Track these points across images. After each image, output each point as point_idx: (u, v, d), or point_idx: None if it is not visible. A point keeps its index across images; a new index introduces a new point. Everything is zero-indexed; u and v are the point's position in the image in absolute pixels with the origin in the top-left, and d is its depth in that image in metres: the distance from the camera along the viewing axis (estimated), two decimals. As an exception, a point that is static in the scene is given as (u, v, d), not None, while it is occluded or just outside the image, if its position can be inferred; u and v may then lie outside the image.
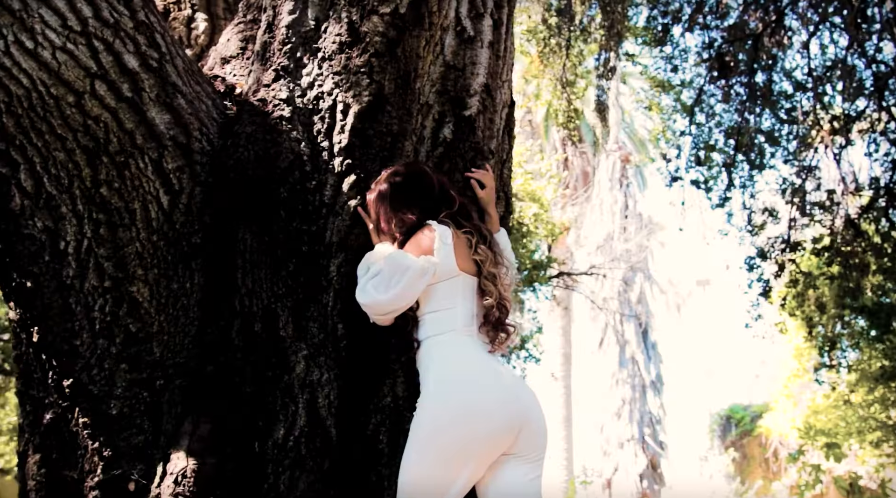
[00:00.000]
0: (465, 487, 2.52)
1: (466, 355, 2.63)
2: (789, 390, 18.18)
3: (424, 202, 2.73)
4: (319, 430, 2.73)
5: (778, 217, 11.51)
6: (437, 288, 2.65)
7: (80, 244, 2.78)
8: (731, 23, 12.30)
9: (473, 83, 3.11)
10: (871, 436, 14.98)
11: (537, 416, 2.60)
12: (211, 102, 2.97)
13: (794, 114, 11.56)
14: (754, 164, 11.84)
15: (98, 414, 2.76)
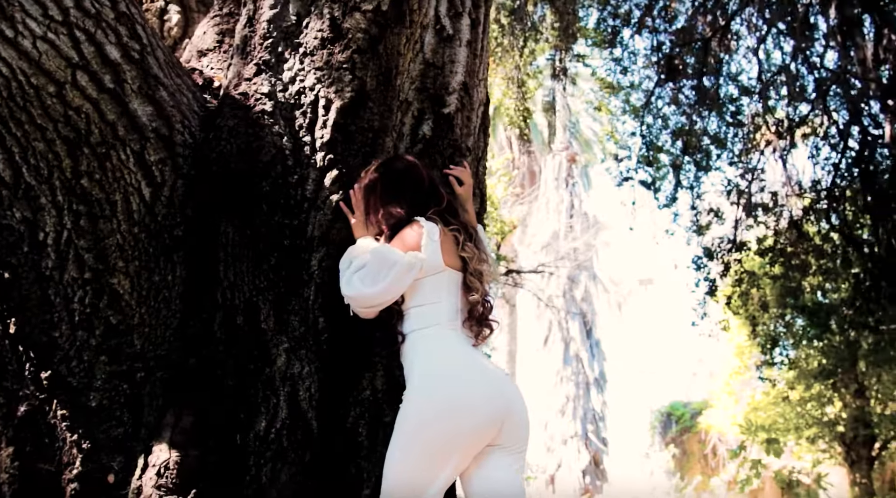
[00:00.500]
0: (450, 480, 2.57)
1: (451, 349, 2.67)
2: (731, 387, 18.57)
3: (414, 197, 2.77)
4: (301, 422, 2.75)
5: (723, 218, 11.77)
6: (423, 283, 2.69)
7: (60, 235, 2.76)
8: (679, 27, 12.52)
9: (452, 81, 3.16)
10: (807, 432, 15.37)
11: (520, 408, 2.66)
12: (191, 95, 2.97)
13: (740, 117, 11.82)
14: (701, 166, 12.07)
15: (77, 406, 2.74)
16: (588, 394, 24.65)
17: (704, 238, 11.74)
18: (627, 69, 13.13)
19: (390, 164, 2.83)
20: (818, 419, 15.22)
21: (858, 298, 10.48)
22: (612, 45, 12.98)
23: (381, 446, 2.82)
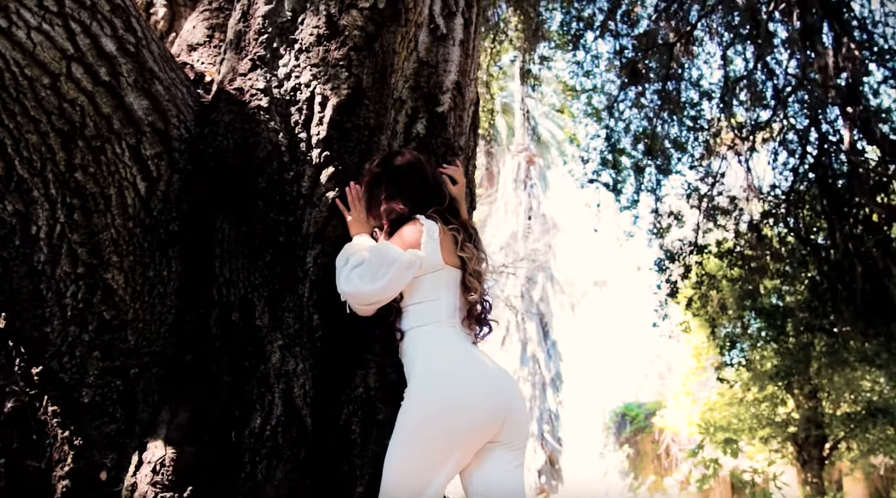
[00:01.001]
0: (450, 478, 2.57)
1: (451, 347, 2.68)
2: (688, 388, 18.82)
3: (417, 193, 2.79)
4: (295, 419, 2.74)
5: (683, 221, 11.93)
6: (423, 280, 2.71)
7: (53, 229, 2.72)
8: (641, 31, 12.66)
9: (446, 80, 3.18)
10: (761, 432, 15.63)
11: (520, 405, 2.68)
12: (185, 89, 2.94)
13: (701, 122, 11.99)
14: (662, 169, 12.22)
15: (69, 402, 2.70)
16: (544, 394, 24.80)
17: (664, 241, 11.90)
18: (590, 72, 13.26)
19: (396, 158, 2.83)
20: (771, 420, 15.50)
21: (814, 300, 10.70)
22: (576, 47, 13.09)
23: (373, 444, 2.83)
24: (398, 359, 2.90)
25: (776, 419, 15.50)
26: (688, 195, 12.00)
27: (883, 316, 10.35)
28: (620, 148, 12.42)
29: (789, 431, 15.45)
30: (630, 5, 12.60)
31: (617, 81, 12.93)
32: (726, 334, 12.54)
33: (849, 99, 9.13)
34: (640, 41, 12.32)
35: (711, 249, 10.88)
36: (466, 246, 2.78)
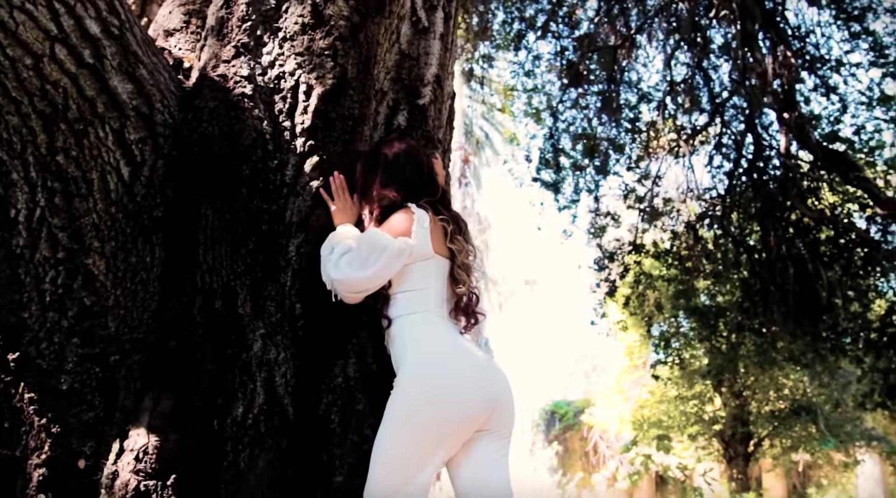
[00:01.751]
0: (439, 467, 2.60)
1: (440, 337, 2.70)
2: (620, 386, 19.15)
3: (411, 183, 2.81)
4: (277, 408, 2.73)
5: (620, 221, 12.15)
6: (412, 268, 2.72)
7: (32, 213, 2.66)
8: (581, 34, 12.83)
9: (427, 73, 3.20)
10: (690, 430, 16.01)
11: (508, 395, 2.71)
12: (167, 75, 2.91)
13: (639, 124, 12.22)
14: (600, 170, 12.42)
15: (46, 389, 2.65)
16: (476, 391, 24.89)
17: (602, 240, 12.10)
18: (531, 73, 13.40)
19: (393, 146, 2.84)
20: (699, 417, 15.88)
21: (746, 301, 11.00)
22: (517, 48, 13.22)
23: (353, 434, 2.84)
24: (378, 348, 2.92)
25: (704, 417, 15.88)
26: (625, 196, 12.22)
27: (811, 317, 10.69)
28: (560, 148, 12.58)
29: (716, 429, 15.85)
30: (571, 7, 12.77)
31: (557, 82, 13.11)
32: (661, 333, 12.81)
33: (784, 105, 9.40)
34: (580, 43, 12.50)
35: (649, 249, 11.09)
36: (456, 238, 2.81)
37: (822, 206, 10.38)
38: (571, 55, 12.52)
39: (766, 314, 10.83)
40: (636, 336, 16.09)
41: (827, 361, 11.85)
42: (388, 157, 2.81)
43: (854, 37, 10.83)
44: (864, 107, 11.11)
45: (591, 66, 12.46)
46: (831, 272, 10.74)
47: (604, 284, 11.11)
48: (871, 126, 11.17)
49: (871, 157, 10.89)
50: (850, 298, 11.08)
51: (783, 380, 15.00)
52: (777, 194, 10.27)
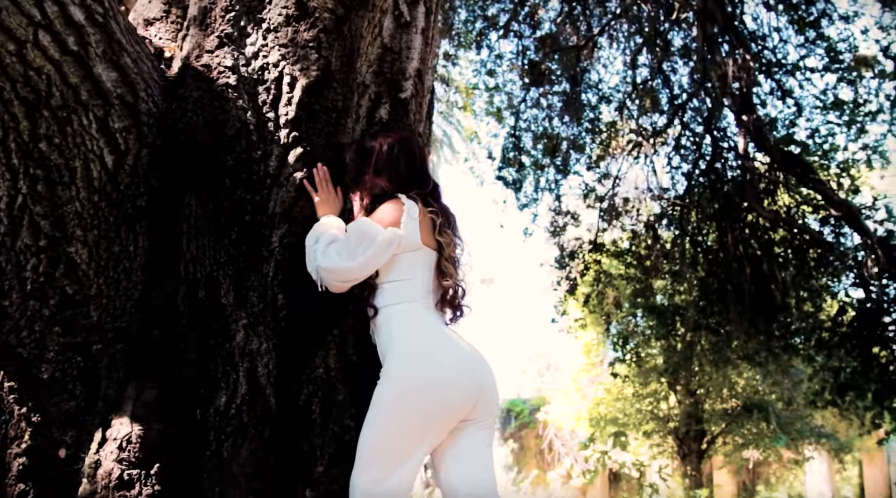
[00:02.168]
0: (425, 455, 2.62)
1: (426, 327, 2.72)
2: (578, 384, 19.32)
3: (404, 173, 2.82)
4: (259, 398, 2.74)
5: (579, 220, 12.26)
6: (400, 259, 2.74)
7: (14, 200, 2.64)
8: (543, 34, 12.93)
9: (409, 67, 3.22)
10: (646, 427, 16.21)
11: (492, 385, 2.74)
12: (150, 64, 2.89)
13: (599, 124, 12.34)
14: (560, 169, 12.52)
15: (27, 378, 2.63)
16: (433, 390, 24.92)
17: (561, 239, 12.21)
18: (493, 72, 13.46)
19: (388, 135, 2.86)
20: (655, 415, 16.09)
21: (702, 300, 11.18)
22: (479, 46, 13.27)
23: (333, 424, 2.85)
24: (359, 340, 2.94)
25: (659, 414, 16.09)
26: (585, 195, 12.35)
27: (766, 316, 10.90)
28: (521, 146, 12.67)
29: (671, 426, 16.07)
30: (533, 7, 12.86)
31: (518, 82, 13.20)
32: (619, 331, 12.96)
33: (743, 107, 9.58)
34: (542, 43, 12.60)
35: (608, 248, 11.22)
36: (445, 231, 2.82)
37: (777, 208, 10.58)
38: (533, 55, 12.61)
39: (722, 313, 11.01)
40: (594, 334, 16.26)
41: (780, 359, 12.08)
42: (382, 147, 2.82)
43: (809, 42, 11.07)
44: (819, 111, 11.37)
45: (553, 66, 12.56)
46: (785, 272, 10.96)
47: (564, 282, 11.22)
48: (824, 130, 11.43)
49: (825, 160, 11.14)
50: (802, 298, 11.32)
51: (736, 378, 15.25)
52: (734, 195, 10.44)
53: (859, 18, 10.89)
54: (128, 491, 2.48)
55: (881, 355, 11.38)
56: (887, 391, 11.39)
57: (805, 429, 17.04)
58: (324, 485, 2.78)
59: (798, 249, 10.87)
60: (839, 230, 10.70)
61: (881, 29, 11.10)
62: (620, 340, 12.98)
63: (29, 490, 2.58)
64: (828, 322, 11.62)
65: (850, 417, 12.87)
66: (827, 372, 11.83)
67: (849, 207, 9.87)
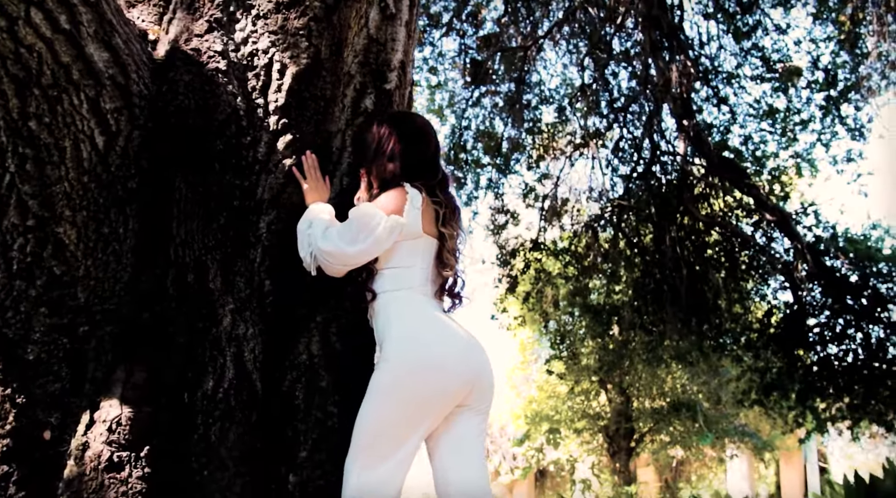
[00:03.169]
0: (420, 441, 2.65)
1: (424, 314, 2.74)
2: (513, 382, 19.50)
3: (417, 161, 2.83)
4: (246, 383, 2.75)
5: (518, 218, 12.40)
6: (400, 246, 2.75)
7: (2, 179, 2.60)
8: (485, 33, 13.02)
9: (393, 59, 3.25)
10: (578, 424, 16.47)
11: (488, 371, 2.78)
12: (139, 46, 2.87)
13: (540, 125, 12.50)
14: (501, 169, 12.64)
15: (12, 359, 2.59)
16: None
17: (501, 237, 12.34)
18: (435, 69, 13.49)
19: (407, 118, 2.87)
20: (586, 413, 16.36)
21: (637, 300, 11.42)
22: (421, 44, 13.29)
23: (316, 410, 2.87)
24: (342, 328, 2.96)
25: (590, 412, 16.36)
26: (525, 194, 12.49)
27: (698, 317, 11.19)
28: (462, 145, 12.74)
29: (601, 424, 16.35)
30: (476, 7, 12.95)
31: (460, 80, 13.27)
32: (556, 329, 13.15)
33: (684, 112, 9.82)
34: (484, 43, 12.69)
35: (548, 247, 11.38)
36: (450, 223, 2.84)
37: (712, 211, 10.88)
38: (475, 54, 12.69)
39: (656, 314, 11.27)
40: (529, 332, 16.45)
41: (710, 359, 12.41)
42: (397, 132, 2.82)
43: (745, 52, 11.39)
44: (752, 118, 11.72)
45: (495, 66, 12.67)
46: (718, 275, 11.28)
47: (505, 280, 11.34)
48: (757, 137, 11.79)
49: (757, 166, 11.48)
50: (733, 299, 11.66)
51: (666, 377, 15.60)
52: (672, 198, 10.69)
53: (793, 30, 11.27)
54: (118, 473, 2.46)
55: (805, 357, 11.80)
56: (809, 392, 11.82)
57: (730, 428, 17.53)
58: (307, 470, 2.79)
59: (730, 252, 11.19)
60: (770, 235, 11.04)
61: (812, 41, 11.52)
62: (557, 338, 13.18)
63: (13, 472, 2.55)
64: (756, 324, 12.00)
65: (774, 417, 13.29)
66: (754, 372, 12.21)
67: (781, 213, 10.20)
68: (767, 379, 12.00)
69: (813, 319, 11.63)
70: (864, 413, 11.75)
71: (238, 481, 2.64)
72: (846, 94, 11.01)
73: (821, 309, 11.55)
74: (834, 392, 11.66)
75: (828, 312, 11.43)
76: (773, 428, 16.66)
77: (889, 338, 11.37)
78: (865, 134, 10.95)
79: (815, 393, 11.80)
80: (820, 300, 11.50)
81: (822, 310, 11.53)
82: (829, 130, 11.24)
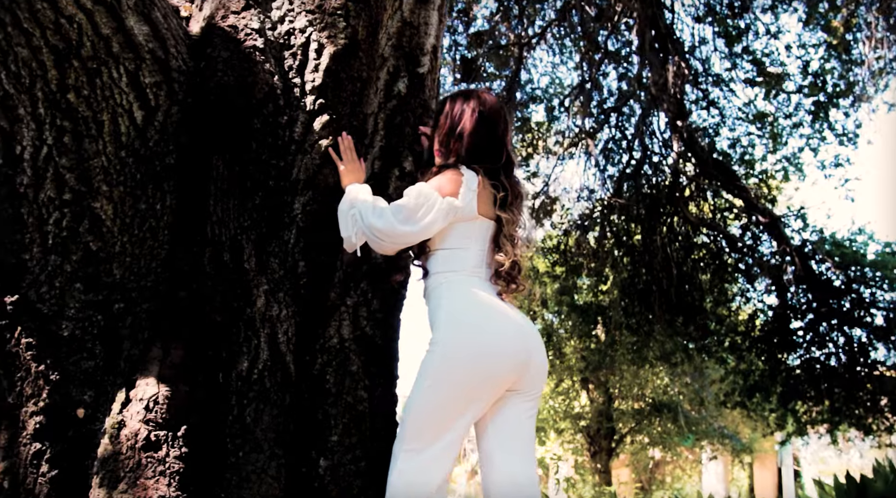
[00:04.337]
0: (469, 425, 2.62)
1: (476, 296, 2.67)
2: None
3: (485, 143, 2.77)
4: (280, 365, 2.72)
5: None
6: (454, 227, 2.71)
7: (39, 151, 2.55)
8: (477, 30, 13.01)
9: (426, 43, 3.23)
10: (560, 424, 16.50)
11: (541, 356, 2.72)
12: (176, 21, 2.83)
13: (530, 123, 12.50)
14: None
15: (46, 335, 2.54)
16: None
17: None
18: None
19: (483, 97, 2.82)
20: (568, 412, 16.39)
21: (625, 300, 11.45)
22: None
23: (347, 394, 2.84)
24: (372, 311, 2.94)
25: (571, 412, 16.40)
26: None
27: (685, 318, 11.23)
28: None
29: (582, 424, 16.40)
30: (467, 4, 12.93)
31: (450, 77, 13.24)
32: (542, 329, 13.16)
33: (677, 114, 9.85)
34: (474, 40, 12.68)
35: (538, 245, 11.38)
36: (509, 208, 2.78)
37: (702, 213, 10.93)
38: (464, 51, 12.67)
39: (643, 314, 11.29)
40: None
41: (694, 360, 12.47)
42: (471, 112, 2.76)
43: (735, 55, 11.45)
44: (741, 122, 11.78)
45: (486, 63, 12.66)
46: (704, 276, 11.33)
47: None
48: (745, 140, 11.86)
49: (747, 169, 11.55)
50: (719, 301, 11.72)
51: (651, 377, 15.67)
52: (662, 198, 10.73)
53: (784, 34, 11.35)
54: (155, 452, 2.42)
55: (787, 360, 11.89)
56: (792, 394, 11.91)
57: (710, 429, 17.63)
58: (338, 454, 2.77)
59: (717, 254, 11.23)
60: (759, 237, 11.10)
61: (801, 47, 11.61)
62: (543, 337, 13.19)
63: (45, 449, 2.50)
64: (741, 326, 12.07)
65: (756, 419, 13.38)
66: (737, 374, 12.28)
67: (771, 215, 10.26)
68: (750, 381, 12.07)
69: (797, 321, 11.71)
70: (843, 417, 11.85)
71: (273, 464, 2.61)
72: (833, 99, 11.08)
73: (804, 312, 11.63)
74: (815, 395, 11.74)
75: (811, 315, 11.51)
76: (753, 430, 16.78)
77: (871, 342, 11.48)
78: (856, 140, 11.03)
79: (796, 396, 11.88)
80: (804, 303, 11.57)
81: (805, 313, 11.61)
82: (817, 135, 11.32)
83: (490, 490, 2.63)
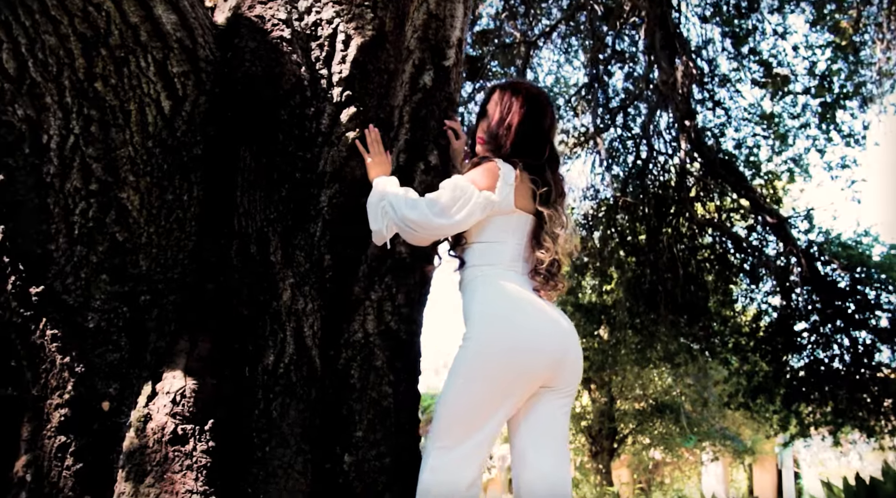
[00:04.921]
0: (503, 420, 2.58)
1: (511, 290, 2.63)
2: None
3: (532, 134, 2.74)
4: (306, 359, 2.69)
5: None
6: (492, 220, 2.67)
7: (65, 140, 2.51)
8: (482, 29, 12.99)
9: (452, 35, 3.20)
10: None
11: (576, 352, 2.67)
12: (203, 10, 2.80)
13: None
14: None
15: (71, 326, 2.51)
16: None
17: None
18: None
19: (531, 89, 2.79)
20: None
21: (630, 300, 11.43)
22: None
23: (371, 390, 2.81)
24: (397, 306, 2.91)
25: (572, 412, 16.37)
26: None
27: (689, 318, 11.22)
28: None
29: (584, 424, 16.37)
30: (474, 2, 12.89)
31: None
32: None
33: (685, 114, 9.83)
34: (480, 39, 12.65)
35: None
36: (552, 204, 2.73)
37: (708, 213, 10.91)
38: (470, 50, 12.65)
39: (648, 314, 11.27)
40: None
41: (698, 361, 12.45)
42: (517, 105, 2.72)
43: (742, 56, 11.43)
44: (747, 122, 11.76)
45: (492, 62, 12.64)
46: (709, 276, 11.31)
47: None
48: (751, 141, 11.84)
49: (752, 170, 11.52)
50: (723, 302, 11.70)
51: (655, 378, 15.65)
52: (667, 199, 10.71)
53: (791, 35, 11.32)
54: (182, 446, 2.39)
55: (791, 361, 11.87)
56: (795, 396, 11.88)
57: (711, 430, 17.62)
58: (362, 450, 2.74)
59: (722, 255, 11.22)
60: (764, 238, 11.08)
61: (808, 48, 11.58)
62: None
63: (70, 442, 2.47)
64: (745, 327, 12.05)
65: (759, 420, 13.35)
66: (741, 375, 12.25)
67: (778, 216, 10.24)
68: (754, 382, 12.04)
69: (801, 323, 11.69)
70: (847, 419, 11.83)
71: (299, 459, 2.58)
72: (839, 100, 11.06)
73: (809, 313, 11.60)
74: (819, 397, 11.72)
75: (816, 316, 11.48)
76: (755, 432, 16.76)
77: (875, 344, 11.46)
78: (863, 142, 11.00)
79: (800, 397, 11.86)
80: (808, 303, 11.54)
81: (810, 314, 11.58)
82: (823, 137, 11.29)
83: (521, 488, 2.60)
